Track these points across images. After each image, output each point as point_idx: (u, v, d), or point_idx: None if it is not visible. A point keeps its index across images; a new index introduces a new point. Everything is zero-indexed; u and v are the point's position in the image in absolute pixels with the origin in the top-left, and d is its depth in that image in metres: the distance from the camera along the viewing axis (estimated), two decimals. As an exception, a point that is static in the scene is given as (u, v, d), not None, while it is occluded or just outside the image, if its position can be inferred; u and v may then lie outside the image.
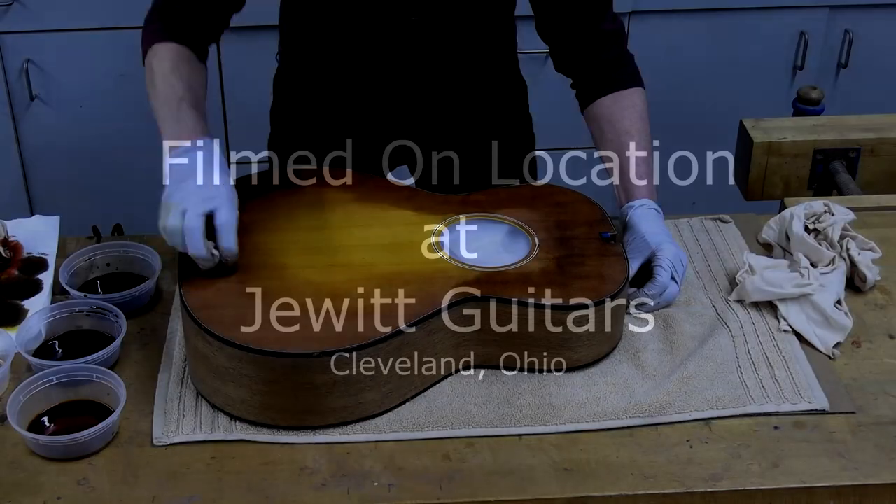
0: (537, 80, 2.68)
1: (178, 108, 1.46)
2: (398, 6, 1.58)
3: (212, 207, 1.36)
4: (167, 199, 1.37)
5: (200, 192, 1.37)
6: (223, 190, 1.38)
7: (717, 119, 2.84)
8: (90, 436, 1.27)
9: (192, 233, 1.34)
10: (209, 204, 1.36)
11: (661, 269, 1.48)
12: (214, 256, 1.36)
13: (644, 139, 1.60)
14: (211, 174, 1.39)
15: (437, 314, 1.33)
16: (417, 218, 1.51)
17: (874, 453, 1.31)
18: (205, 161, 1.40)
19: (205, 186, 1.37)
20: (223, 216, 1.36)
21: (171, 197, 1.37)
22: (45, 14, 2.58)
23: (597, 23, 1.61)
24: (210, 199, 1.36)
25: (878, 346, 1.48)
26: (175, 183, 1.38)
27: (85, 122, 2.72)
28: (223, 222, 1.36)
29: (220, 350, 1.29)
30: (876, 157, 1.93)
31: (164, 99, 1.47)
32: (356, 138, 1.79)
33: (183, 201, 1.35)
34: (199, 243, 1.34)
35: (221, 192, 1.38)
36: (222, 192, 1.38)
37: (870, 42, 2.85)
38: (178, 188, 1.37)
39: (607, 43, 1.63)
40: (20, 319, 1.47)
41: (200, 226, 1.34)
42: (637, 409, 1.35)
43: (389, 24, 1.61)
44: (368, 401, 1.32)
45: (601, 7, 1.61)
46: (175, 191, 1.37)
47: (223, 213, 1.36)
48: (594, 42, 1.62)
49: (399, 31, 1.62)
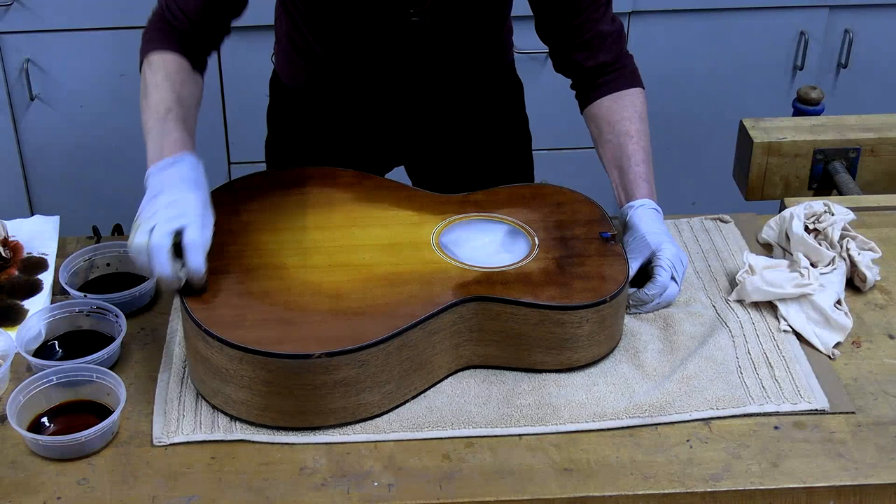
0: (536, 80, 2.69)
1: (163, 122, 1.43)
2: (398, 6, 1.58)
3: (181, 225, 1.31)
4: (137, 217, 1.33)
5: (169, 209, 1.32)
6: (194, 207, 1.33)
7: (717, 119, 2.85)
8: (90, 436, 1.27)
9: (158, 251, 1.29)
10: (178, 221, 1.31)
11: (661, 268, 1.48)
12: (180, 279, 1.32)
13: (644, 140, 1.61)
14: (184, 190, 1.34)
15: (437, 314, 1.33)
16: (417, 218, 1.51)
17: (874, 453, 1.31)
18: (180, 177, 1.36)
19: (176, 203, 1.33)
20: (191, 234, 1.31)
21: (140, 215, 1.33)
22: (45, 14, 2.58)
23: (596, 24, 1.61)
24: (179, 217, 1.32)
25: (878, 346, 1.48)
26: (148, 199, 1.34)
27: (85, 122, 2.72)
28: (191, 241, 1.31)
29: (220, 351, 1.29)
30: (876, 157, 1.94)
31: (153, 111, 1.45)
32: (354, 139, 1.80)
33: (149, 219, 1.31)
34: (165, 262, 1.29)
35: (192, 208, 1.33)
36: (193, 208, 1.33)
37: (870, 42, 2.85)
38: (148, 204, 1.33)
39: (607, 44, 1.63)
40: (20, 319, 1.47)
41: (167, 244, 1.30)
42: (637, 409, 1.35)
43: (389, 24, 1.61)
44: (369, 401, 1.32)
45: (600, 8, 1.61)
46: (145, 207, 1.33)
47: (191, 231, 1.31)
48: (593, 43, 1.62)
49: (399, 32, 1.62)
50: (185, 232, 1.31)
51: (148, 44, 1.52)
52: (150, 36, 1.53)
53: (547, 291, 1.38)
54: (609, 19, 1.63)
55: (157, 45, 1.51)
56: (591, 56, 1.63)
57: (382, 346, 1.29)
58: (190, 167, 1.38)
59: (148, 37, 1.53)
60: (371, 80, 1.70)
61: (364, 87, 1.72)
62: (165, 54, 1.50)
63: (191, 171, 1.38)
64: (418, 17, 1.59)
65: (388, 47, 1.65)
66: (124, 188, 2.79)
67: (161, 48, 1.50)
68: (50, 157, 2.76)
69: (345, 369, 1.28)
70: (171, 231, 1.31)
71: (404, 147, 1.85)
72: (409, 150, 1.85)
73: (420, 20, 1.59)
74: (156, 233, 1.30)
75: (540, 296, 1.37)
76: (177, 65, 1.50)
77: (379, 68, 1.68)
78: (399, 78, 1.70)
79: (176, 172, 1.37)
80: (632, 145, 1.59)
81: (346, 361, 1.28)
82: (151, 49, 1.51)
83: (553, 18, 1.63)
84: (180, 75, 1.50)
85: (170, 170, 1.37)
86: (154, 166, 1.38)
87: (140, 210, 1.34)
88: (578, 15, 1.60)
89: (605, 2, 1.61)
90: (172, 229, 1.31)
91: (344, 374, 1.28)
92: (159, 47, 1.51)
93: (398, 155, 1.88)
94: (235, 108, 2.74)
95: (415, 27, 1.61)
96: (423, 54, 1.67)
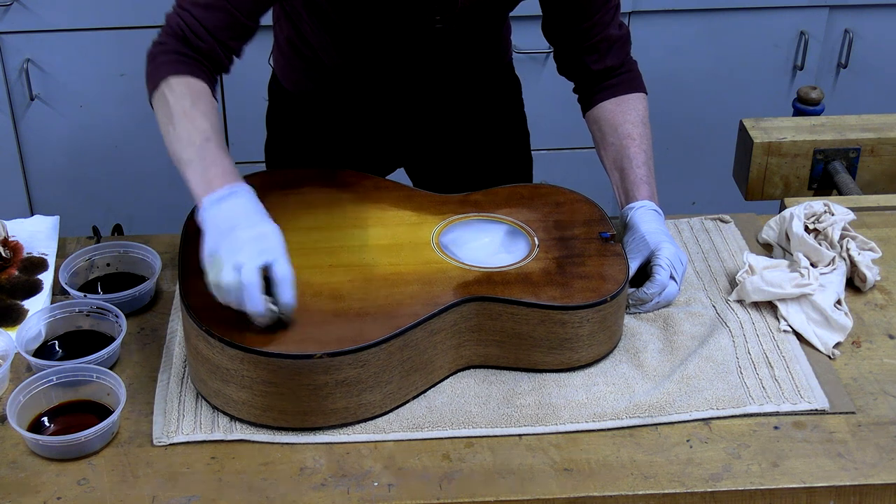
0: (536, 81, 2.69)
1: (203, 151, 1.36)
2: (426, 14, 1.56)
3: (268, 260, 1.27)
4: (214, 253, 1.27)
5: (254, 244, 1.27)
6: (276, 240, 1.29)
7: (717, 119, 2.85)
8: (90, 436, 1.27)
9: (251, 289, 1.25)
10: (265, 256, 1.27)
11: (660, 267, 1.48)
12: (273, 312, 1.28)
13: (646, 143, 1.61)
14: (259, 223, 1.30)
15: (439, 314, 1.34)
16: (417, 218, 1.51)
17: (874, 453, 1.31)
18: (247, 209, 1.31)
19: (260, 237, 1.28)
20: (281, 269, 1.27)
21: (218, 250, 1.27)
22: (45, 14, 2.58)
23: (605, 28, 1.62)
24: (266, 252, 1.27)
25: (878, 346, 1.48)
26: (220, 234, 1.28)
27: (85, 122, 2.72)
28: (283, 276, 1.27)
29: (221, 351, 1.29)
30: (876, 157, 1.94)
31: (187, 140, 1.37)
32: (356, 142, 1.79)
33: (235, 254, 1.26)
34: (258, 300, 1.25)
35: (276, 242, 1.29)
36: (277, 242, 1.29)
37: (870, 42, 2.85)
38: (225, 239, 1.27)
39: (614, 48, 1.63)
40: (20, 319, 1.47)
41: (258, 281, 1.26)
42: (637, 409, 1.35)
43: (413, 31, 1.59)
44: (370, 402, 1.32)
45: (610, 12, 1.61)
46: (222, 242, 1.27)
47: (281, 265, 1.28)
48: (602, 46, 1.63)
49: (420, 38, 1.61)
50: (275, 267, 1.27)
51: (163, 67, 1.43)
52: (167, 59, 1.44)
53: (548, 291, 1.38)
54: (617, 25, 1.64)
55: (177, 69, 1.42)
56: (598, 59, 1.63)
57: (384, 346, 1.29)
58: (250, 198, 1.33)
59: (163, 59, 1.44)
60: (380, 84, 1.70)
61: (371, 91, 1.71)
62: (188, 78, 1.42)
63: (254, 203, 1.33)
64: (443, 23, 1.58)
65: (405, 53, 1.64)
66: (124, 188, 2.80)
67: (182, 72, 1.42)
68: (50, 157, 2.76)
69: (346, 369, 1.28)
70: (260, 267, 1.26)
71: (406, 148, 1.85)
72: (410, 150, 1.85)
73: (444, 26, 1.59)
74: (245, 270, 1.25)
75: (541, 296, 1.37)
76: (201, 89, 1.42)
77: (391, 73, 1.68)
78: (408, 81, 1.70)
79: (239, 204, 1.31)
80: (634, 148, 1.60)
81: (348, 362, 1.28)
82: (171, 72, 1.42)
83: (563, 20, 1.63)
84: (207, 100, 1.42)
85: (229, 201, 1.31)
86: (207, 199, 1.31)
87: (214, 246, 1.28)
88: (589, 18, 1.60)
89: (615, 7, 1.62)
90: (261, 265, 1.26)
91: (345, 374, 1.28)
92: (180, 71, 1.42)
93: (400, 156, 1.88)
94: (235, 108, 2.74)
95: (437, 33, 1.60)
96: (436, 58, 1.67)
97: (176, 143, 1.38)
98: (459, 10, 1.56)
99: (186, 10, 1.45)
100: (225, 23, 1.45)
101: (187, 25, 1.44)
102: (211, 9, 1.44)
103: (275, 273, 1.27)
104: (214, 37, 1.45)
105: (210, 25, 1.44)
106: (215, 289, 1.28)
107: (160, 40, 1.46)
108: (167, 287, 1.56)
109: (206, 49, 1.45)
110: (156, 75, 1.43)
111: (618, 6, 1.63)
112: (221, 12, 1.44)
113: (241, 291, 1.25)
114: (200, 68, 1.45)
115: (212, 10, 1.44)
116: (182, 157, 1.36)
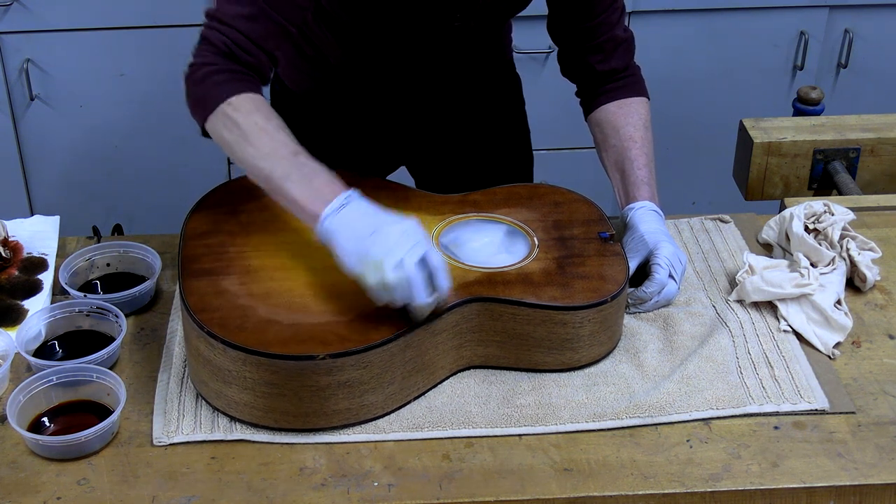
0: (536, 81, 2.69)
1: (297, 163, 1.35)
2: (446, 13, 1.56)
3: (423, 252, 1.29)
4: (366, 257, 1.28)
5: (406, 239, 1.29)
6: (421, 231, 1.31)
7: (717, 119, 2.85)
8: (90, 436, 1.27)
9: (417, 282, 1.28)
10: (419, 249, 1.29)
11: (659, 266, 1.48)
12: (432, 303, 1.31)
13: (647, 146, 1.61)
14: (397, 220, 1.31)
15: (440, 315, 1.33)
16: (416, 218, 1.51)
17: (874, 453, 1.31)
18: (373, 210, 1.33)
19: (406, 233, 1.30)
20: (435, 258, 1.30)
21: (370, 254, 1.28)
22: (45, 14, 2.58)
23: (611, 28, 1.62)
24: (419, 245, 1.29)
25: (878, 346, 1.48)
26: (362, 239, 1.29)
27: (85, 122, 2.72)
28: (436, 264, 1.30)
29: (223, 352, 1.29)
30: (876, 157, 1.94)
31: (274, 155, 1.35)
32: (358, 141, 1.79)
33: (392, 253, 1.27)
34: (424, 292, 1.28)
35: (420, 233, 1.31)
36: (421, 233, 1.31)
37: (870, 42, 2.85)
38: (374, 242, 1.28)
39: (619, 50, 1.64)
40: (20, 319, 1.47)
41: (422, 273, 1.28)
42: (637, 409, 1.35)
43: (431, 30, 1.59)
44: (372, 403, 1.32)
45: (616, 13, 1.62)
46: (371, 246, 1.28)
47: (434, 254, 1.30)
48: (607, 47, 1.63)
49: (437, 37, 1.61)
50: (429, 257, 1.30)
51: (218, 87, 1.39)
52: (220, 79, 1.39)
53: (548, 292, 1.38)
54: (622, 27, 1.64)
55: (235, 87, 1.39)
56: (603, 60, 1.63)
57: (387, 347, 1.29)
58: (366, 200, 1.34)
59: (215, 80, 1.39)
60: (384, 82, 1.70)
61: (374, 89, 1.71)
62: (249, 95, 1.40)
63: (372, 203, 1.34)
64: (461, 21, 1.58)
65: (416, 52, 1.64)
66: (124, 188, 2.80)
67: (240, 90, 1.39)
68: (50, 157, 2.76)
69: (349, 370, 1.28)
70: (419, 259, 1.28)
71: (408, 145, 1.85)
72: (413, 148, 1.86)
73: (461, 24, 1.59)
74: (407, 265, 1.27)
75: (541, 296, 1.37)
76: (264, 103, 1.40)
77: (397, 71, 1.68)
78: (413, 79, 1.70)
79: (363, 207, 1.33)
80: (635, 150, 1.60)
81: (351, 363, 1.28)
82: (230, 92, 1.38)
83: (569, 18, 1.63)
84: (275, 114, 1.40)
85: (352, 207, 1.32)
86: (328, 209, 1.31)
87: (362, 251, 1.29)
88: (595, 17, 1.60)
89: (621, 8, 1.63)
90: (419, 257, 1.28)
91: (348, 375, 1.28)
92: (239, 89, 1.39)
93: (402, 154, 1.88)
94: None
95: (453, 32, 1.60)
96: (446, 56, 1.67)
97: (261, 160, 1.36)
98: (480, 7, 1.55)
99: (228, 24, 1.41)
100: (272, 32, 1.43)
101: (232, 41, 1.40)
102: (256, 20, 1.41)
103: (431, 262, 1.30)
104: (262, 48, 1.42)
105: (256, 37, 1.41)
106: (381, 289, 1.28)
107: (204, 61, 1.41)
108: (167, 287, 1.56)
109: (255, 63, 1.42)
110: (211, 98, 1.39)
111: (623, 9, 1.63)
112: (268, 22, 1.42)
113: (409, 287, 1.27)
114: (254, 83, 1.42)
115: (258, 21, 1.41)
116: (274, 173, 1.35)
